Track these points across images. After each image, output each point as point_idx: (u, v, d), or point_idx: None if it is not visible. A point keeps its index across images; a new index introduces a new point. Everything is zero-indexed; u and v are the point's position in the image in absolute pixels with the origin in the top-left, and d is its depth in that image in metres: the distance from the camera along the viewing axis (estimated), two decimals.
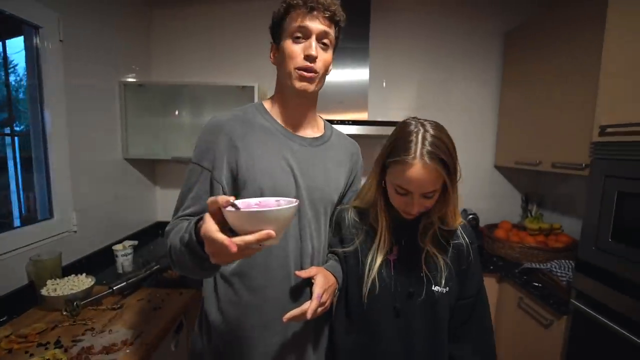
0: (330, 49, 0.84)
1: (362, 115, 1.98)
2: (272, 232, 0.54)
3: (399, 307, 0.81)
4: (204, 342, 0.87)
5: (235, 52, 2.12)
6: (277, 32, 0.84)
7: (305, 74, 0.80)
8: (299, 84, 0.81)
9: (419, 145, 0.71)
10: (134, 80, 1.90)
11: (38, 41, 1.35)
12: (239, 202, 0.59)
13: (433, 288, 0.80)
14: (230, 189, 0.82)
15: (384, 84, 2.17)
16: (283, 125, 0.89)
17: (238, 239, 0.54)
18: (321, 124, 0.99)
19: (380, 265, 0.82)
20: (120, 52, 1.80)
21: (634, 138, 1.09)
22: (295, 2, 0.79)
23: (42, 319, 1.14)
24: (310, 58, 0.79)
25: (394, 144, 0.77)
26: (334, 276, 0.84)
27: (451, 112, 2.18)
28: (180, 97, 1.97)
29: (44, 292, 1.20)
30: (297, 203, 0.59)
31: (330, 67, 0.89)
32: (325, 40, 0.81)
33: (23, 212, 1.48)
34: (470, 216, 1.92)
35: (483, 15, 2.10)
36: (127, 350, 0.99)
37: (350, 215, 0.90)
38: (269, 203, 0.66)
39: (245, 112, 0.88)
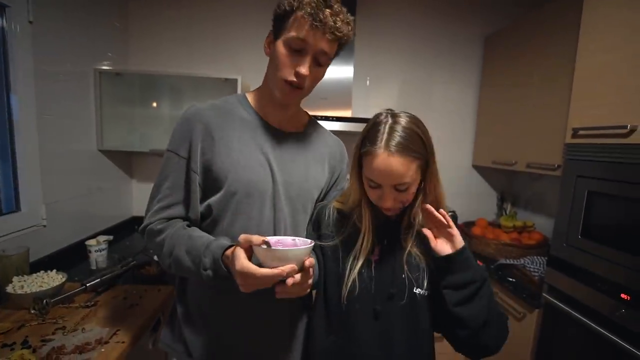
0: (326, 66, 0.81)
1: (346, 112, 1.99)
2: (295, 267, 0.64)
3: (379, 309, 0.79)
4: (175, 336, 0.88)
5: (218, 44, 2.07)
6: (278, 26, 0.79)
7: (289, 90, 0.78)
8: (280, 97, 0.80)
9: (385, 135, 0.71)
10: (111, 68, 1.81)
11: (5, 22, 1.25)
12: (272, 240, 0.71)
13: (414, 290, 0.78)
14: (202, 180, 0.80)
15: (368, 82, 2.19)
16: (264, 118, 0.86)
17: (276, 271, 0.63)
18: (305, 119, 0.97)
19: (362, 265, 0.80)
20: (95, 37, 1.71)
21: (604, 140, 1.16)
22: (303, 5, 0.72)
23: (6, 318, 1.07)
24: (300, 76, 0.76)
25: (365, 134, 0.76)
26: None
27: (432, 112, 2.23)
28: (159, 87, 1.90)
29: (9, 289, 1.12)
30: (312, 244, 0.69)
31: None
32: (323, 58, 0.78)
33: None
34: (450, 213, 1.96)
35: (464, 19, 2.16)
36: (102, 349, 0.95)
37: (332, 213, 0.88)
38: (286, 242, 0.74)
39: (226, 102, 0.86)
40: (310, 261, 0.68)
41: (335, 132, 1.06)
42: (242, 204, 0.79)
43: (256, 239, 0.64)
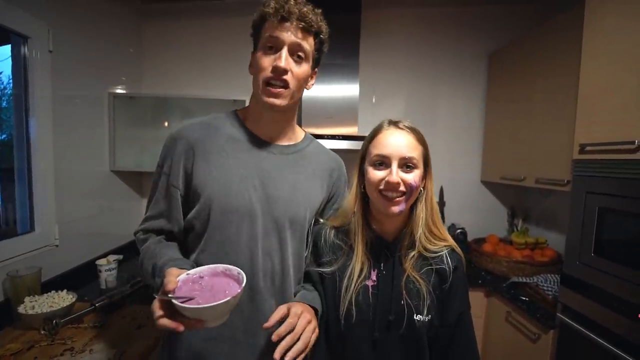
0: (306, 62, 0.80)
1: (352, 130, 2.01)
2: (202, 324, 0.61)
3: (377, 337, 0.76)
4: (167, 355, 0.85)
5: (226, 66, 2.14)
6: (255, 38, 0.82)
7: (272, 89, 0.77)
8: (266, 99, 0.78)
9: (391, 122, 0.79)
10: (124, 91, 1.89)
11: (26, 51, 1.33)
12: (182, 277, 0.65)
13: (415, 317, 0.75)
14: (184, 194, 0.82)
15: (374, 99, 2.22)
16: (254, 132, 0.86)
17: (166, 322, 0.61)
18: (300, 135, 0.94)
19: (358, 290, 0.77)
20: (110, 63, 1.80)
21: (612, 156, 1.14)
22: (267, 10, 0.76)
23: (17, 339, 1.09)
24: (277, 70, 0.75)
25: (367, 139, 0.82)
26: (309, 305, 0.77)
27: (438, 127, 2.24)
28: (170, 109, 1.96)
29: (21, 309, 1.14)
30: (230, 298, 0.60)
31: (312, 82, 0.87)
32: (300, 53, 0.78)
33: (2, 225, 1.43)
34: (459, 230, 1.94)
35: (468, 36, 2.19)
36: None
37: (329, 234, 0.85)
38: (215, 272, 0.69)
39: (215, 118, 0.87)
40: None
41: (341, 150, 1.05)
42: (220, 220, 0.79)
43: (169, 285, 0.61)
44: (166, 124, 1.95)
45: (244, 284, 0.64)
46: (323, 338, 0.82)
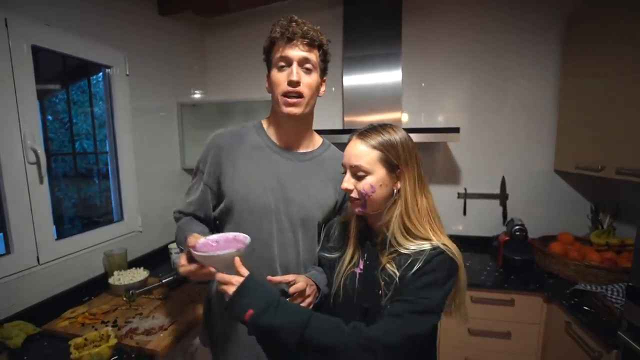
0: (315, 72, 0.92)
1: (396, 116, 1.96)
2: (212, 270, 0.76)
3: (357, 321, 0.78)
4: (206, 323, 1.07)
5: None
6: (268, 61, 0.94)
7: (289, 100, 0.89)
8: (286, 109, 0.90)
9: (359, 132, 0.81)
10: (190, 100, 2.18)
11: (110, 75, 1.67)
12: (202, 240, 0.80)
13: (389, 307, 0.75)
14: (215, 191, 0.98)
15: (423, 84, 2.09)
16: (275, 142, 0.98)
17: (186, 268, 0.79)
18: (317, 141, 1.05)
19: (346, 275, 0.85)
20: (178, 78, 2.10)
21: None
22: (274, 35, 0.88)
23: (108, 302, 1.42)
24: (292, 83, 0.88)
25: None
26: (314, 282, 0.89)
27: (504, 110, 2.01)
28: (234, 111, 2.19)
29: (111, 280, 1.49)
30: (233, 250, 0.74)
31: (323, 89, 0.98)
32: (308, 65, 0.89)
33: (102, 215, 1.85)
34: (517, 227, 1.73)
35: (539, 0, 1.88)
36: (161, 334, 1.19)
37: (336, 228, 0.95)
38: (222, 240, 0.83)
39: (242, 127, 1.01)
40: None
41: None
42: (242, 218, 0.93)
43: (191, 241, 0.78)
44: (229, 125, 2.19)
45: (247, 242, 0.79)
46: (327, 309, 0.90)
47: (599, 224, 1.84)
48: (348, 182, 0.79)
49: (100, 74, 1.70)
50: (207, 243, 0.80)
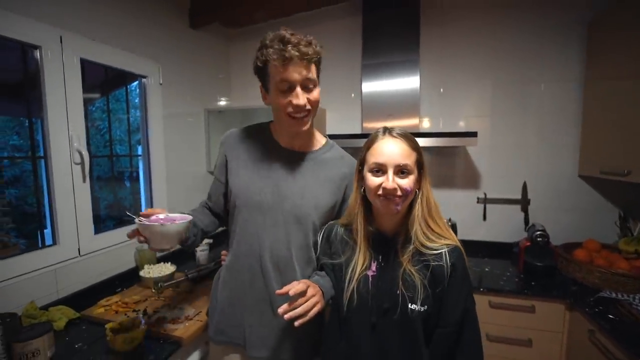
0: (316, 85, 0.94)
1: (414, 122, 1.99)
2: (142, 239, 0.91)
3: (375, 322, 0.83)
4: (213, 306, 1.14)
5: None
6: (262, 78, 0.95)
7: (296, 119, 0.93)
8: (293, 128, 0.96)
9: (386, 130, 0.85)
10: (216, 107, 2.31)
11: (146, 85, 1.81)
12: (158, 216, 0.94)
13: (409, 306, 0.80)
14: (225, 188, 1.08)
15: (442, 90, 2.11)
16: (278, 141, 1.04)
17: (132, 234, 0.93)
18: (320, 141, 1.09)
19: (359, 279, 0.85)
20: (205, 87, 2.23)
21: None
22: (268, 58, 0.86)
23: (139, 293, 1.53)
24: (298, 107, 0.90)
25: (364, 146, 0.88)
26: (317, 285, 0.88)
27: (526, 115, 1.99)
28: (257, 116, 2.26)
29: (142, 273, 1.60)
30: (166, 223, 0.89)
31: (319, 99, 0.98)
32: (309, 84, 0.91)
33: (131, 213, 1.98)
34: (538, 232, 1.70)
35: (558, 3, 1.86)
36: (187, 324, 1.27)
37: (339, 231, 0.96)
38: (172, 217, 0.96)
39: (250, 128, 1.09)
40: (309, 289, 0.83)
41: None
42: (246, 212, 1.01)
43: (146, 211, 0.93)
44: None
45: (183, 221, 0.92)
46: (336, 317, 0.93)
47: (628, 231, 1.78)
48: (393, 181, 0.79)
49: (135, 83, 1.85)
50: (157, 218, 0.93)
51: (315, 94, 0.93)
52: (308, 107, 0.92)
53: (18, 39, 1.21)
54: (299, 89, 0.89)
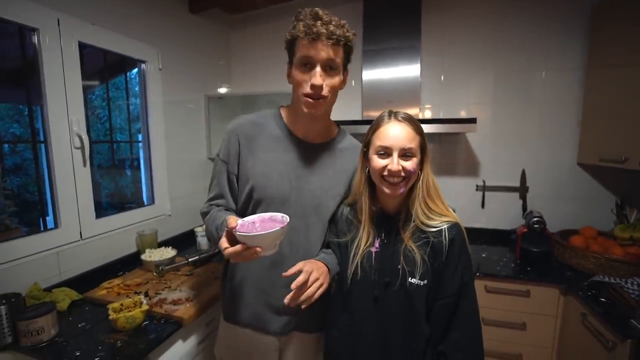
0: (339, 72, 0.90)
1: (414, 112, 1.98)
2: (259, 249, 0.74)
3: (377, 294, 0.88)
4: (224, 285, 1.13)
5: None
6: (290, 54, 0.93)
7: (311, 100, 0.88)
8: (307, 110, 0.90)
9: (391, 114, 0.88)
10: (217, 93, 2.31)
11: (145, 70, 1.80)
12: (240, 221, 0.78)
13: (409, 280, 0.84)
14: (238, 179, 1.01)
15: (442, 77, 2.10)
16: (292, 131, 1.00)
17: (231, 249, 0.75)
18: (333, 131, 1.07)
19: (362, 254, 0.90)
20: (206, 73, 2.22)
21: None
22: (297, 33, 0.85)
23: (140, 276, 1.56)
24: (315, 87, 0.86)
25: (370, 129, 0.89)
26: (324, 263, 0.92)
27: (526, 103, 1.98)
28: (257, 103, 2.27)
29: (143, 257, 1.62)
30: (278, 228, 0.75)
31: (344, 84, 0.96)
32: (331, 65, 0.87)
33: (134, 199, 2.00)
34: (535, 218, 1.71)
35: None
36: (187, 305, 1.30)
37: (345, 211, 1.00)
38: (264, 218, 0.83)
39: (262, 117, 1.03)
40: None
41: None
42: (262, 204, 0.97)
43: (232, 223, 0.74)
44: None
45: (287, 222, 0.79)
46: (339, 292, 0.97)
47: (624, 218, 1.79)
48: (398, 163, 0.82)
49: (135, 70, 1.84)
50: (245, 224, 0.80)
51: (335, 80, 0.89)
52: (324, 92, 0.87)
53: (15, 20, 1.20)
54: (318, 68, 0.85)
